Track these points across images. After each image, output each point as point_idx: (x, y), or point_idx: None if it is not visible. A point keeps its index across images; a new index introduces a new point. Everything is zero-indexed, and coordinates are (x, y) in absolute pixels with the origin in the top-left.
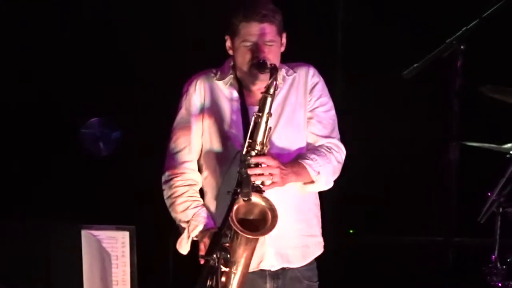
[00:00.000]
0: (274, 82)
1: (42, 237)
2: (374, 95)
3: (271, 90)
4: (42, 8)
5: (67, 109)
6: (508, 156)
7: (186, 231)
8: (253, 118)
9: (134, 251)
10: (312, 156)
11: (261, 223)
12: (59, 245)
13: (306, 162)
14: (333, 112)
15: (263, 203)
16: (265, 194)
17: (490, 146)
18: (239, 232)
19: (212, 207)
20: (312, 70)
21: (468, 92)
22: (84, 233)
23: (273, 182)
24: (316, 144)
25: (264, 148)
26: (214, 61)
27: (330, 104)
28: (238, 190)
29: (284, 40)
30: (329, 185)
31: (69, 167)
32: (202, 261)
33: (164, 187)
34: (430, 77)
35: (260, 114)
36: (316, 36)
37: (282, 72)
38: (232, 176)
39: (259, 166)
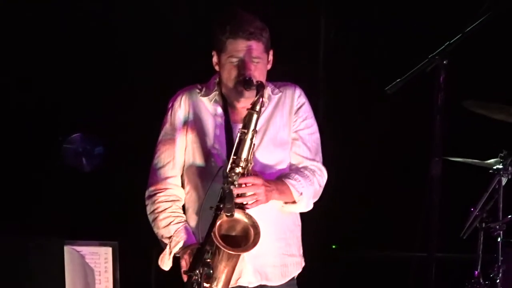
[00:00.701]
0: (260, 99)
1: (24, 252)
2: (357, 111)
3: (257, 107)
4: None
5: (50, 124)
6: (491, 171)
7: (168, 247)
8: (238, 135)
9: (117, 267)
10: (296, 176)
11: (243, 239)
12: (42, 260)
13: (290, 182)
14: (317, 135)
15: (246, 220)
16: (247, 211)
17: (473, 161)
18: (222, 248)
19: (194, 223)
20: (298, 91)
21: (451, 107)
22: (67, 248)
23: (257, 201)
24: (300, 166)
25: (249, 165)
26: (199, 75)
27: (315, 126)
28: (221, 206)
29: (271, 57)
30: (309, 207)
31: (52, 183)
32: (185, 278)
33: (147, 202)
34: (413, 92)
35: (245, 130)
36: (299, 53)
37: (267, 91)
38: (215, 191)
39: (244, 185)
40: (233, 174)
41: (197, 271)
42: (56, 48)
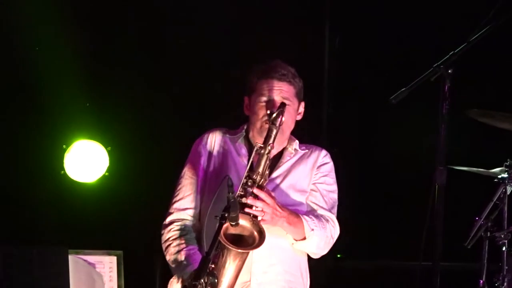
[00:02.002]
0: (280, 116)
1: (29, 261)
2: (361, 119)
3: (277, 121)
4: None
5: (53, 131)
6: (495, 180)
7: (177, 272)
8: (254, 150)
9: (122, 276)
10: (311, 216)
11: (248, 243)
12: (46, 269)
13: (304, 217)
14: (335, 195)
15: (250, 226)
16: (254, 252)
17: (477, 170)
18: (226, 245)
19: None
20: (325, 152)
21: (456, 116)
22: (72, 257)
23: (262, 219)
24: (316, 213)
25: (262, 180)
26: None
27: (335, 187)
28: (226, 215)
29: (302, 109)
30: (319, 251)
31: (57, 191)
32: None
33: (163, 231)
34: (417, 102)
35: (263, 145)
36: (303, 63)
37: (295, 144)
38: (222, 200)
39: (256, 198)
40: (246, 186)
41: (202, 280)
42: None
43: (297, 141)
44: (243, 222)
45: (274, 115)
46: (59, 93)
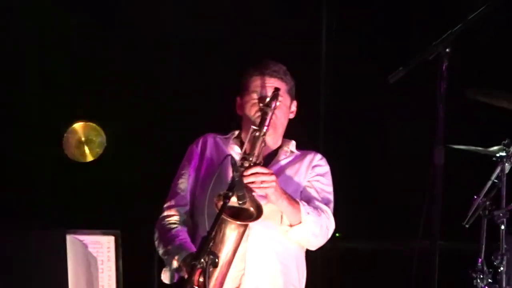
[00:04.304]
0: (275, 99)
1: (27, 242)
2: (359, 100)
3: (272, 104)
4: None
5: (51, 113)
6: (494, 159)
7: (170, 260)
8: (250, 132)
9: (120, 256)
10: (305, 203)
11: (246, 217)
12: (44, 250)
13: (300, 201)
14: (331, 196)
15: (248, 202)
16: (249, 241)
17: (476, 149)
18: (224, 218)
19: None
20: (320, 155)
21: (454, 95)
22: (69, 238)
23: (266, 191)
24: (310, 204)
25: (258, 161)
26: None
27: (331, 188)
28: (230, 194)
29: (294, 108)
30: (315, 239)
31: (55, 172)
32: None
33: (155, 230)
34: (415, 81)
35: (258, 127)
36: (300, 51)
37: (292, 146)
38: (221, 179)
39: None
40: (242, 167)
41: (202, 259)
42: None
43: (293, 142)
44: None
45: (268, 99)
46: (55, 74)
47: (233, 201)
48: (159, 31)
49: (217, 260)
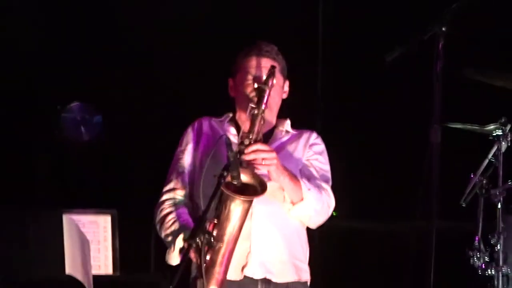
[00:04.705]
0: (272, 77)
1: (23, 222)
2: (355, 79)
3: (269, 82)
4: None
5: (47, 93)
6: (490, 137)
7: (173, 241)
8: (248, 110)
9: (116, 235)
10: (305, 180)
11: (250, 193)
12: (41, 230)
13: (301, 178)
14: (329, 174)
15: (252, 180)
16: (253, 219)
17: (472, 127)
18: (229, 194)
19: (197, 192)
20: (316, 134)
21: (450, 74)
22: (65, 217)
23: (268, 165)
24: (311, 181)
25: (258, 138)
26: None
27: (328, 167)
28: (225, 174)
29: (287, 88)
30: (317, 216)
31: (52, 152)
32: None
33: (155, 214)
34: (411, 60)
35: (256, 105)
36: (297, 28)
37: (287, 125)
38: (216, 158)
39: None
40: (243, 146)
41: (198, 239)
42: (54, 14)
43: (288, 122)
44: (244, 176)
45: (265, 77)
46: (52, 55)
47: (243, 178)
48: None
49: (212, 239)
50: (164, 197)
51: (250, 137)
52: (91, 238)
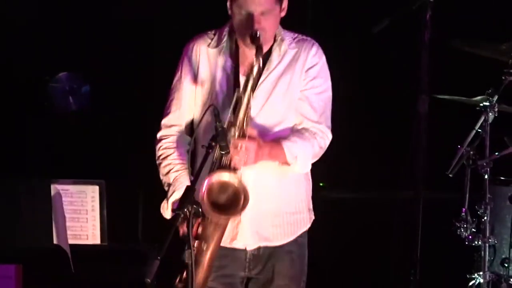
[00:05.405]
0: (258, 64)
1: (12, 192)
2: (342, 50)
3: (254, 71)
4: None
5: (35, 63)
6: (478, 108)
7: (166, 197)
8: (235, 95)
9: (104, 205)
10: (294, 138)
11: (233, 203)
12: (30, 199)
13: (286, 144)
14: (326, 95)
15: (236, 184)
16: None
17: (459, 98)
18: (211, 213)
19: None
20: (315, 49)
21: (438, 44)
22: (53, 187)
23: (245, 163)
24: (301, 126)
25: (245, 126)
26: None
27: (324, 86)
28: (213, 144)
29: (285, 4)
30: (306, 169)
31: (39, 122)
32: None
33: (156, 147)
34: (399, 30)
35: (242, 90)
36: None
37: (284, 44)
38: (206, 129)
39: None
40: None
41: (186, 209)
42: None
43: (286, 40)
44: (229, 177)
45: (254, 65)
46: (40, 24)
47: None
48: None
49: (200, 209)
50: (162, 132)
51: (237, 124)
52: (79, 208)
